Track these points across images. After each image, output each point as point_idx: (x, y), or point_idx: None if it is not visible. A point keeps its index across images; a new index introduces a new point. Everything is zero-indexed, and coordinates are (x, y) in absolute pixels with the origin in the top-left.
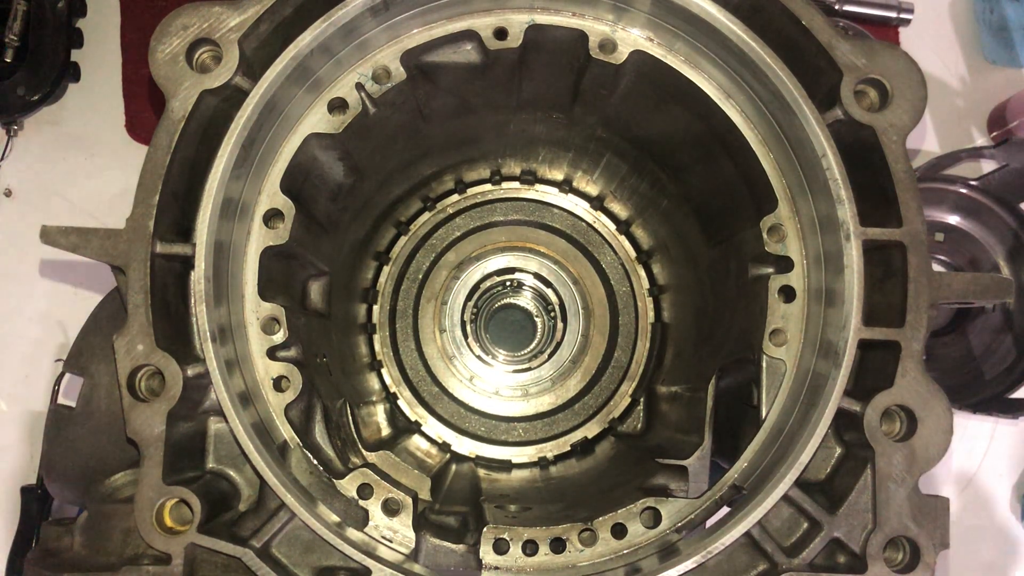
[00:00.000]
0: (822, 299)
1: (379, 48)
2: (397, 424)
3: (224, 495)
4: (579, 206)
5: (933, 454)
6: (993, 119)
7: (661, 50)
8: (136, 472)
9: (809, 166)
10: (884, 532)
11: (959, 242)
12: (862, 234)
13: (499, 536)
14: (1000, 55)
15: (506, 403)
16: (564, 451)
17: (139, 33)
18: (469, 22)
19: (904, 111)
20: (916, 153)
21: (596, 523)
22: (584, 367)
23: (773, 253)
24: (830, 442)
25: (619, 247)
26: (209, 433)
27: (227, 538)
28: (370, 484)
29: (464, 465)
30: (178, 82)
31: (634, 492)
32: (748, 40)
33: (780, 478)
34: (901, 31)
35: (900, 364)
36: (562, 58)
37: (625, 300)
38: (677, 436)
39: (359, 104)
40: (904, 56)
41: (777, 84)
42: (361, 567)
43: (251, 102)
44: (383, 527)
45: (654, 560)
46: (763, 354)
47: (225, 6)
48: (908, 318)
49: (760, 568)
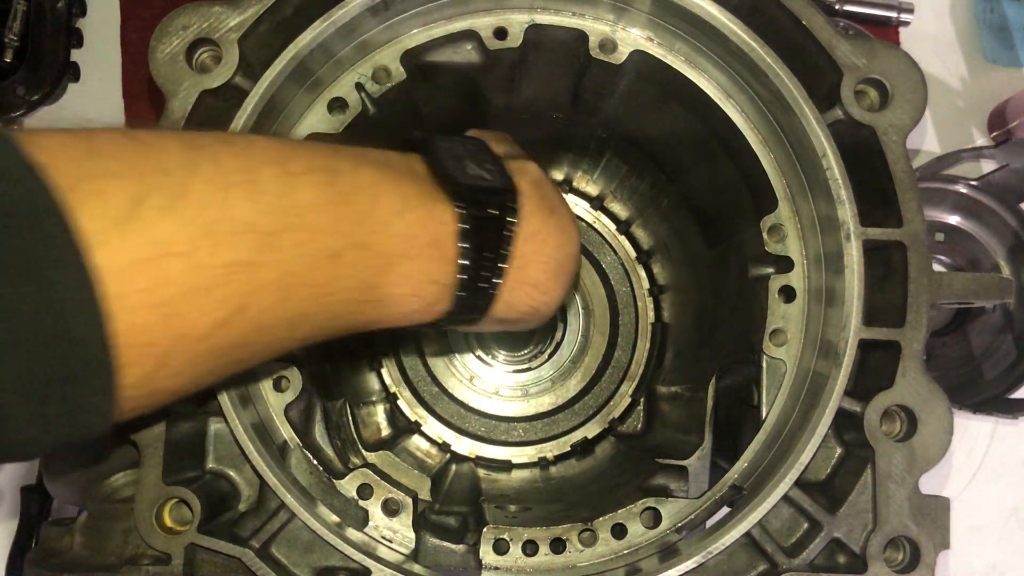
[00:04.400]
0: (822, 299)
1: (379, 48)
2: (397, 424)
3: (224, 495)
4: (579, 206)
5: (933, 454)
6: (993, 119)
7: (661, 50)
8: (136, 472)
9: (809, 166)
10: (884, 532)
11: (959, 242)
12: (862, 234)
13: (499, 536)
14: (1000, 55)
15: (506, 403)
16: (564, 451)
17: (139, 33)
18: (469, 22)
19: (904, 111)
20: (916, 153)
21: (596, 523)
22: (584, 367)
23: (773, 253)
24: (830, 442)
25: (619, 247)
26: (209, 433)
27: (227, 538)
28: (370, 484)
29: (464, 465)
30: (178, 82)
31: (634, 492)
32: (748, 40)
33: (780, 478)
34: (901, 31)
35: (900, 364)
36: (562, 58)
37: (625, 300)
38: (677, 436)
39: (359, 104)
40: (904, 56)
41: (777, 84)
42: (361, 567)
43: (251, 102)
44: (383, 527)
45: (654, 560)
46: (763, 354)
47: (225, 6)
48: (908, 318)
49: (760, 568)
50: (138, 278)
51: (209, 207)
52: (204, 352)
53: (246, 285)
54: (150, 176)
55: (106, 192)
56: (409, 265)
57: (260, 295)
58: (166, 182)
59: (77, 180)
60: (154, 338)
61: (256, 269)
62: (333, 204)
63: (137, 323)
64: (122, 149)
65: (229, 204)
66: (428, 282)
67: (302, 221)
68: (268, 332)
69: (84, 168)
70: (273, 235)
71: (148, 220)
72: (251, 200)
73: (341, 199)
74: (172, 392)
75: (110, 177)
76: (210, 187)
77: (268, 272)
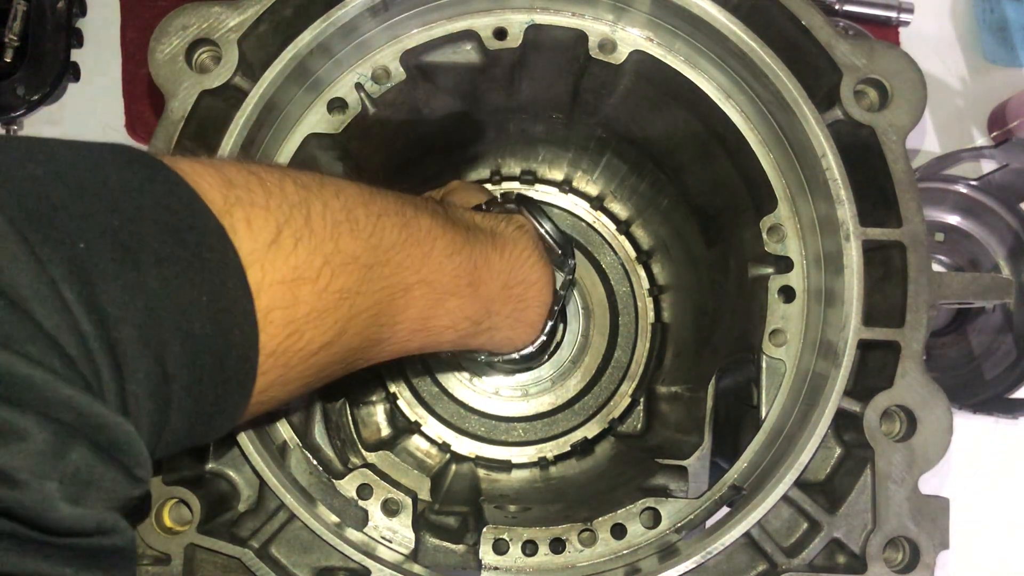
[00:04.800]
0: (822, 299)
1: (378, 48)
2: (397, 424)
3: (223, 495)
4: (579, 206)
5: (933, 454)
6: (993, 119)
7: (661, 50)
8: None
9: (809, 166)
10: (884, 532)
11: (959, 242)
12: (862, 234)
13: (499, 536)
14: (1000, 55)
15: (506, 403)
16: (564, 451)
17: (139, 33)
18: (469, 22)
19: (904, 111)
20: (916, 153)
21: (596, 523)
22: (584, 367)
23: (773, 253)
24: (830, 442)
25: (619, 247)
26: None
27: (226, 538)
28: (370, 484)
29: (464, 465)
30: (177, 82)
31: (634, 492)
32: (748, 40)
33: (780, 478)
34: (901, 31)
35: (900, 364)
36: (562, 58)
37: (625, 300)
38: (677, 436)
39: (358, 104)
40: (904, 56)
41: (777, 84)
42: (360, 567)
43: (250, 102)
44: (382, 527)
45: (654, 560)
46: (763, 354)
47: (224, 6)
48: (908, 318)
49: (760, 568)
50: (280, 297)
51: (327, 241)
52: (310, 367)
53: (349, 311)
54: (283, 210)
55: (253, 220)
56: (454, 302)
57: (356, 320)
58: (294, 216)
59: (227, 206)
60: (282, 351)
61: (357, 297)
62: (408, 244)
63: (274, 336)
64: (250, 181)
65: (339, 238)
66: (463, 318)
67: (388, 257)
68: (354, 353)
69: (229, 197)
70: (369, 268)
71: (287, 247)
72: (354, 236)
73: (412, 240)
74: (277, 402)
75: (252, 207)
76: (324, 223)
77: (365, 300)
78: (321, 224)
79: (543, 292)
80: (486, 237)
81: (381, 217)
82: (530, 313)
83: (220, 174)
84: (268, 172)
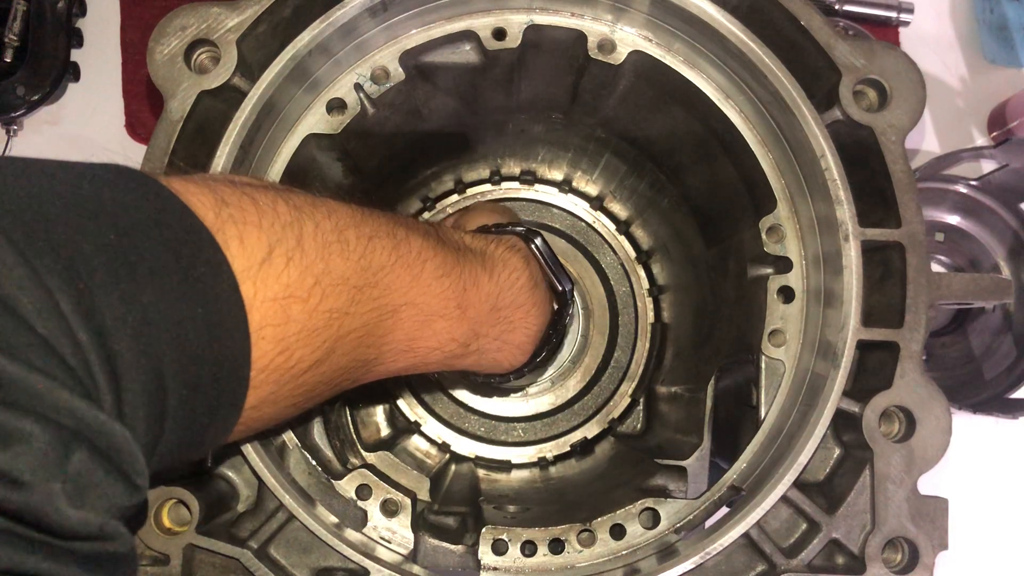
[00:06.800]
0: (821, 300)
1: (378, 48)
2: (396, 425)
3: (222, 496)
4: (578, 206)
5: (932, 455)
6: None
7: (660, 50)
8: None
9: (808, 166)
10: (883, 533)
11: (959, 242)
12: (861, 234)
13: (498, 537)
14: (1000, 55)
15: (506, 403)
16: (564, 451)
17: (139, 33)
18: (468, 22)
19: (903, 111)
20: (916, 153)
21: (595, 524)
22: (584, 367)
23: (772, 253)
24: (829, 443)
25: (619, 247)
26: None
27: (225, 539)
28: (369, 485)
29: (463, 465)
30: (176, 83)
31: (633, 493)
32: (747, 40)
33: (779, 479)
34: (901, 31)
35: (899, 365)
36: (561, 58)
37: (625, 300)
38: (677, 436)
39: (358, 104)
40: (904, 56)
41: (776, 84)
42: (359, 568)
43: (249, 103)
44: (382, 528)
45: (653, 561)
46: (762, 354)
47: (223, 7)
48: (907, 319)
49: (759, 569)
50: (272, 314)
51: (317, 261)
52: (300, 386)
53: (338, 331)
54: (275, 229)
55: (246, 238)
56: (442, 324)
57: (344, 340)
58: (286, 235)
59: (219, 223)
60: (273, 368)
61: (346, 318)
62: (397, 266)
63: (266, 352)
64: (243, 200)
65: (329, 259)
66: (450, 339)
67: (378, 279)
68: (342, 373)
69: (221, 214)
70: (359, 289)
71: (279, 266)
72: (344, 257)
73: (402, 263)
74: (265, 420)
75: (245, 225)
76: (315, 243)
77: (353, 321)
78: (312, 244)
79: (530, 315)
80: (476, 258)
81: (372, 239)
82: (518, 335)
83: (213, 192)
84: (261, 191)
